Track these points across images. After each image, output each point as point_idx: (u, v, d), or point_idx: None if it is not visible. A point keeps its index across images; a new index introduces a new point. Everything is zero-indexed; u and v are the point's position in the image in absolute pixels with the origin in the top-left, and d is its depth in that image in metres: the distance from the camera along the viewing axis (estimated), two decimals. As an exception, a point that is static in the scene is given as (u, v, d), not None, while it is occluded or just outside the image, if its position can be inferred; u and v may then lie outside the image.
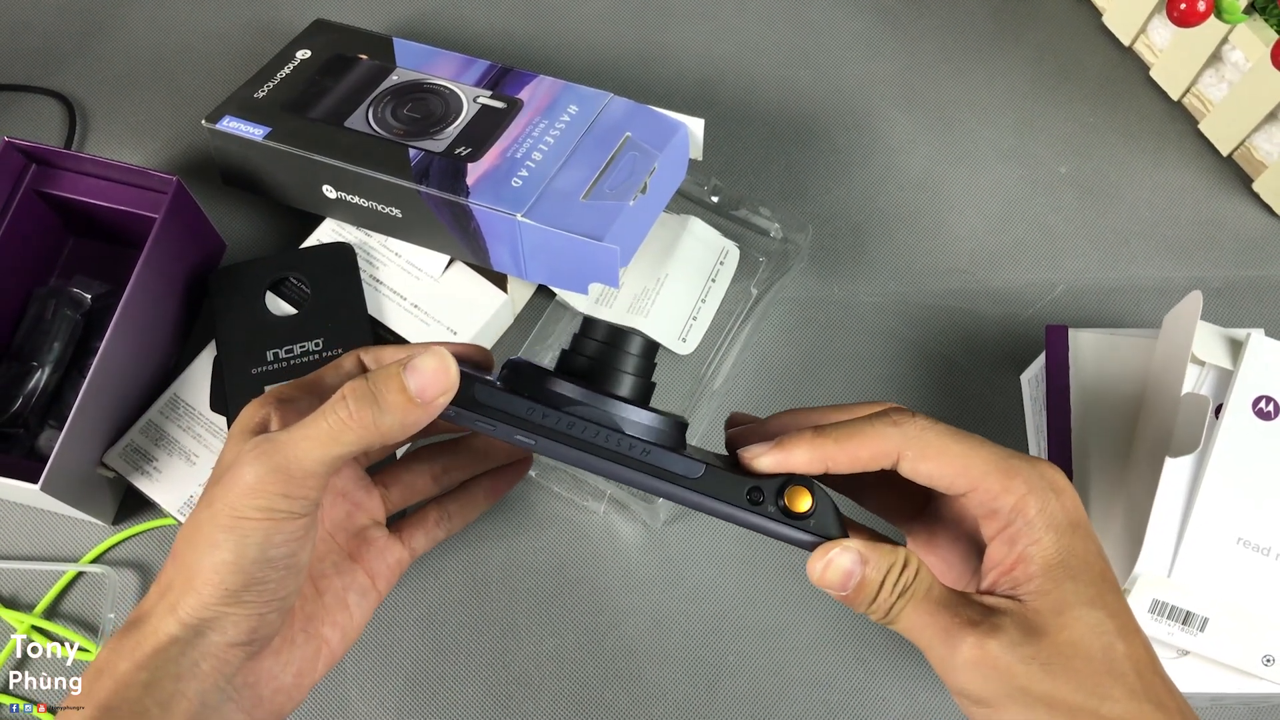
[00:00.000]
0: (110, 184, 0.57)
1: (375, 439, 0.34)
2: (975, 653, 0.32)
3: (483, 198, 0.53)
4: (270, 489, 0.33)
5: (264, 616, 0.34)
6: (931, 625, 0.33)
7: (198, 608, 0.33)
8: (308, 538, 0.35)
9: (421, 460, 0.43)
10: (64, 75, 0.68)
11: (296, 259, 0.57)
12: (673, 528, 0.55)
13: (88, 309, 0.57)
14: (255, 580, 0.34)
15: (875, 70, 0.70)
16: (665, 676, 0.52)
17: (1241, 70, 0.62)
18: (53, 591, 0.53)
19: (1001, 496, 0.33)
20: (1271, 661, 0.46)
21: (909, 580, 0.33)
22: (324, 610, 0.39)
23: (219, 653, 0.34)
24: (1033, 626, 0.32)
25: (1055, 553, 0.33)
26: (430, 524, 0.43)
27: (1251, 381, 0.48)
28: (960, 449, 0.34)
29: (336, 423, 0.34)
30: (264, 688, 0.36)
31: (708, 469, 0.35)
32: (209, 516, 0.34)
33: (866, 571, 0.33)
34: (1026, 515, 0.33)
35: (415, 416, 0.34)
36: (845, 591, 0.33)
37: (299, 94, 0.59)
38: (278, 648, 0.36)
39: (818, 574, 0.34)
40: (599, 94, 0.59)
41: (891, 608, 0.33)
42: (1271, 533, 0.46)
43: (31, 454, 0.54)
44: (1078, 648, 0.32)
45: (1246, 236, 0.64)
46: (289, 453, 0.34)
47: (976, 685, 0.32)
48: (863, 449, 0.34)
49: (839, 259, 0.63)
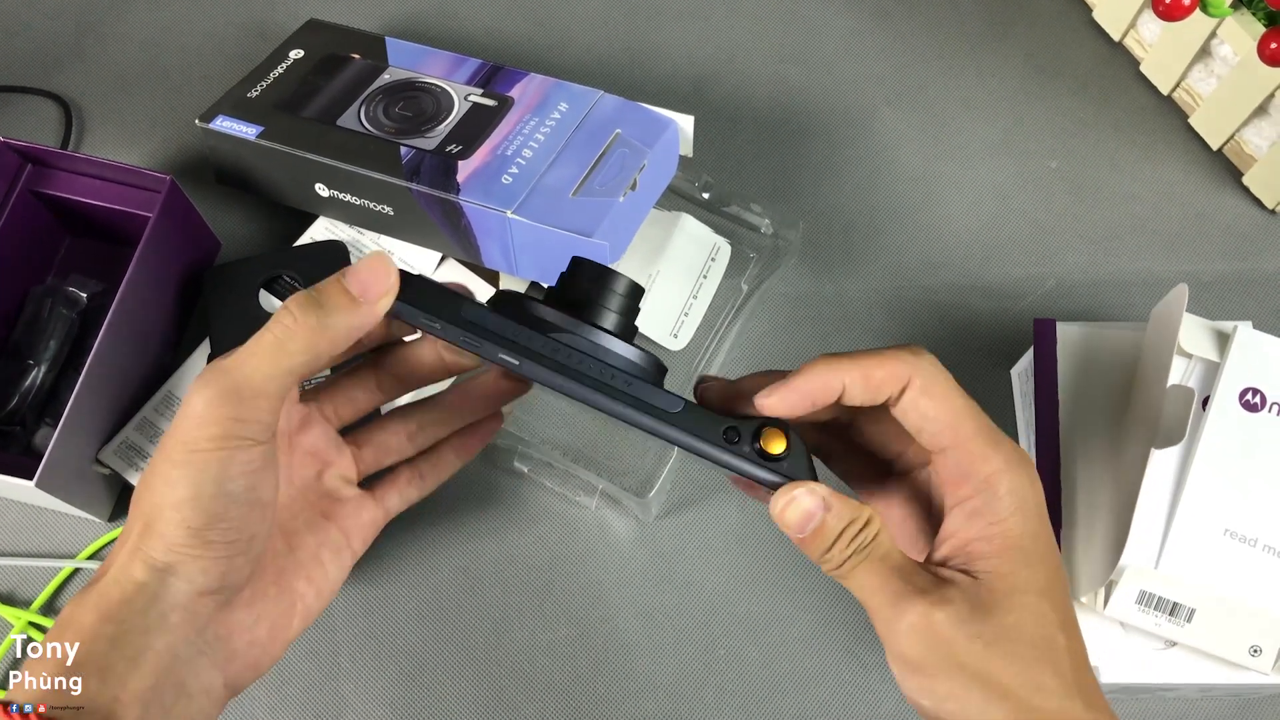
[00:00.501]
0: (105, 183, 0.57)
1: (323, 344, 0.34)
2: (921, 621, 0.32)
3: (473, 195, 0.53)
4: (221, 414, 0.32)
5: (231, 560, 0.33)
6: (882, 588, 0.33)
7: (163, 550, 0.33)
8: (267, 470, 0.34)
9: (395, 420, 0.42)
10: (60, 76, 0.68)
11: (290, 257, 0.58)
12: (664, 522, 0.56)
13: (84, 307, 0.57)
14: (216, 516, 0.33)
15: (866, 67, 0.70)
16: (657, 670, 0.53)
17: (1230, 64, 0.62)
18: (49, 588, 0.54)
19: (979, 463, 0.33)
20: (1259, 652, 0.46)
21: (867, 539, 0.33)
22: (296, 565, 0.37)
23: (188, 603, 0.33)
24: (981, 604, 0.32)
25: (1017, 536, 0.33)
26: (402, 483, 0.42)
27: (1238, 373, 0.48)
28: (961, 403, 0.34)
29: (282, 331, 0.33)
30: (237, 641, 0.35)
31: (687, 405, 0.35)
32: (163, 457, 0.33)
33: (827, 519, 0.33)
34: (996, 490, 0.33)
35: (360, 317, 0.34)
36: (802, 534, 0.33)
37: (292, 93, 0.60)
38: (249, 599, 0.35)
39: (778, 510, 0.34)
40: (589, 91, 0.59)
41: (845, 562, 0.33)
42: (1258, 524, 0.46)
43: (28, 451, 0.55)
44: (1022, 632, 0.32)
45: (1236, 230, 0.64)
46: (236, 374, 0.33)
47: (916, 652, 0.32)
48: (879, 368, 0.34)
49: (830, 255, 0.63)
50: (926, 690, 0.33)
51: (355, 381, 0.41)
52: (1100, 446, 0.51)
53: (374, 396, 0.41)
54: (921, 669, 0.32)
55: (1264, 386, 0.48)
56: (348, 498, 0.40)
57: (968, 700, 0.32)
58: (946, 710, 0.32)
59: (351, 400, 0.41)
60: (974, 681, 0.32)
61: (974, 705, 0.32)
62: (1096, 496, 0.50)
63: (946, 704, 0.32)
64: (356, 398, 0.41)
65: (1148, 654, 0.48)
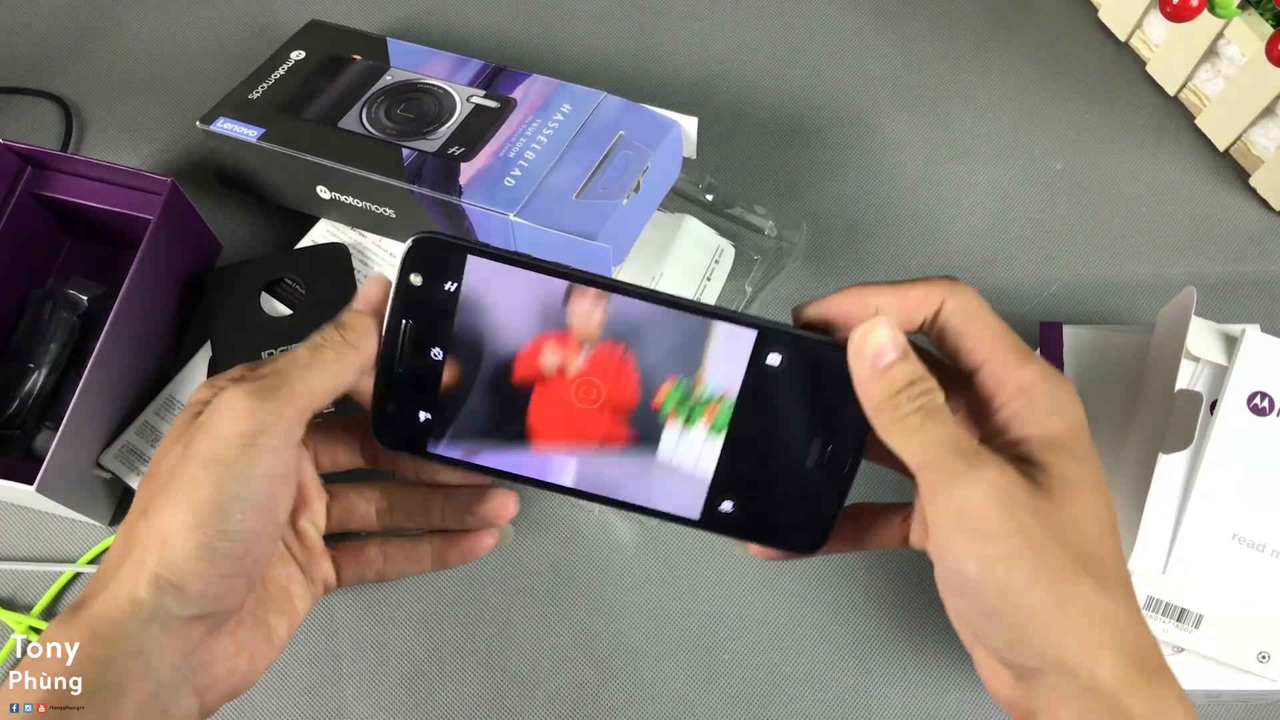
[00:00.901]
0: (106, 186, 0.57)
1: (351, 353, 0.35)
2: (997, 477, 0.30)
3: (476, 197, 0.53)
4: (255, 410, 0.33)
5: (230, 580, 0.33)
6: (953, 443, 0.31)
7: (171, 563, 0.32)
8: (286, 481, 0.34)
9: (367, 488, 0.41)
10: (60, 78, 0.68)
11: (291, 260, 0.57)
12: (668, 527, 0.55)
13: (84, 310, 0.57)
14: (232, 526, 0.32)
15: (870, 68, 0.69)
16: (661, 675, 0.53)
17: (1237, 65, 0.62)
18: (50, 592, 0.53)
19: (1015, 372, 0.33)
20: (1267, 658, 0.46)
21: (936, 401, 0.32)
22: (270, 598, 0.37)
23: (180, 628, 0.33)
24: (1043, 488, 0.31)
25: (1060, 434, 0.32)
26: (365, 559, 0.40)
27: (1246, 377, 0.48)
28: (994, 320, 0.34)
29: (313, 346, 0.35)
30: (218, 669, 0.35)
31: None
32: (189, 455, 0.33)
33: (899, 364, 0.32)
34: (1033, 395, 0.32)
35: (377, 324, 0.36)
36: (875, 368, 0.33)
37: (293, 95, 0.59)
38: (234, 628, 0.35)
39: (858, 335, 0.33)
40: (592, 93, 0.59)
41: (913, 413, 0.32)
42: (1266, 529, 0.46)
43: (28, 455, 0.55)
44: (1078, 526, 0.31)
45: (1243, 232, 0.64)
46: (270, 376, 0.34)
47: (982, 507, 0.30)
48: (913, 291, 0.34)
49: (834, 257, 0.63)
50: (978, 550, 0.30)
51: (343, 434, 0.40)
52: (1107, 451, 0.51)
53: (355, 459, 0.40)
54: (981, 526, 0.30)
55: (1272, 390, 0.48)
56: (312, 545, 0.39)
57: (1018, 566, 0.30)
58: (995, 574, 0.30)
59: (332, 452, 0.40)
60: (1029, 549, 0.30)
61: (1023, 572, 0.30)
62: (1103, 501, 0.50)
63: (997, 567, 0.30)
64: (337, 451, 0.40)
65: (1155, 660, 0.47)
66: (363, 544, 0.41)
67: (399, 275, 0.35)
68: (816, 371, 0.35)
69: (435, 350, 0.36)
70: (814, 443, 0.36)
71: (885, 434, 0.33)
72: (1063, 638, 0.30)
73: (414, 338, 0.36)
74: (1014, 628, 0.30)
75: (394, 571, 0.41)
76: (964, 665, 0.52)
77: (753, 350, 0.35)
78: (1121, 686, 0.30)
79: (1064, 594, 0.30)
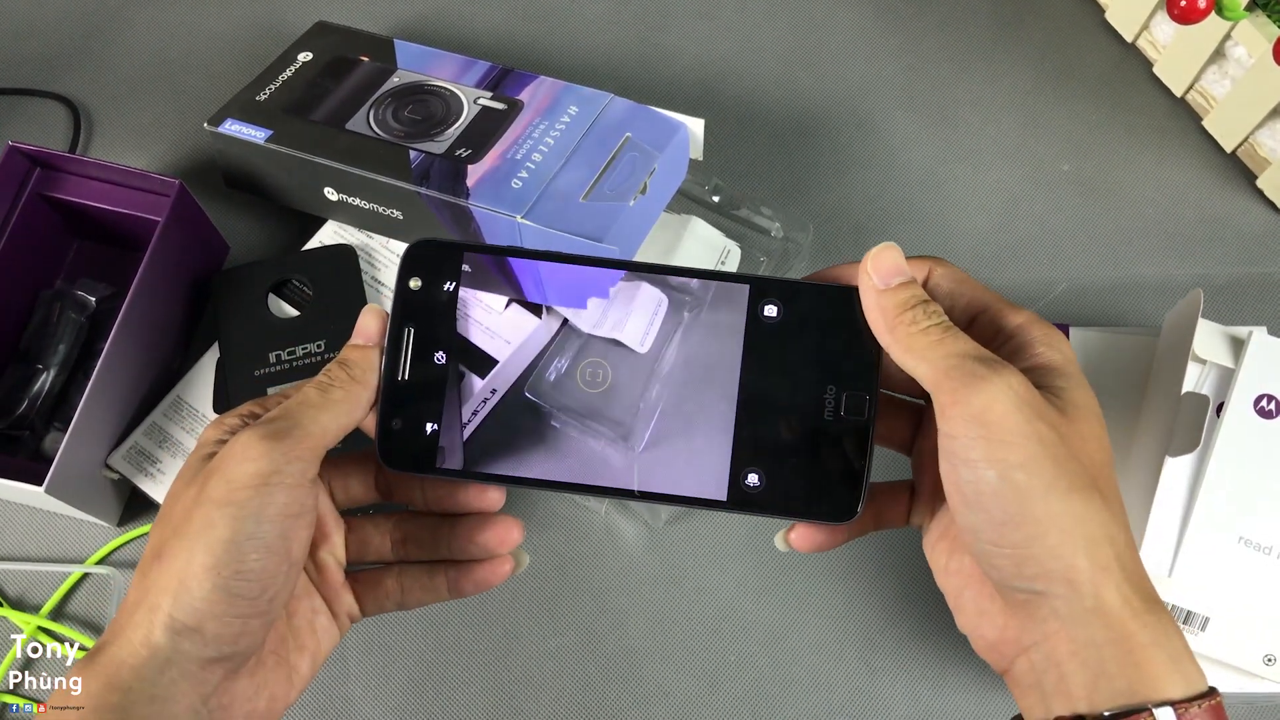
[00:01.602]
0: (114, 187, 0.57)
1: (359, 389, 0.36)
2: (1019, 384, 0.31)
3: (483, 199, 0.53)
4: (269, 450, 0.33)
5: (248, 622, 0.33)
6: (974, 354, 0.32)
7: (188, 607, 0.32)
8: (301, 519, 0.34)
9: (382, 520, 0.41)
10: (68, 79, 0.68)
11: (299, 261, 0.57)
12: (674, 527, 0.56)
13: (93, 311, 0.57)
14: (247, 565, 0.32)
15: (876, 69, 0.69)
16: (667, 676, 0.53)
17: (1244, 66, 0.61)
18: (59, 592, 0.54)
19: (1008, 316, 0.34)
20: (1273, 661, 0.46)
21: (947, 322, 0.33)
22: (293, 634, 0.37)
23: (198, 671, 0.32)
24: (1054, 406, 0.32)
25: (1061, 363, 0.33)
26: (383, 592, 0.40)
27: (1253, 380, 0.48)
28: (979, 284, 0.35)
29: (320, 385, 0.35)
30: (237, 711, 0.34)
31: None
32: (203, 498, 0.33)
33: (910, 286, 0.34)
34: (1030, 334, 0.34)
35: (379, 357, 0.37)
36: (890, 282, 0.34)
37: (300, 96, 0.60)
38: (253, 669, 0.35)
39: (872, 254, 0.34)
40: (599, 94, 0.59)
41: (930, 328, 0.33)
42: (1273, 532, 0.46)
43: (37, 456, 0.55)
44: (1087, 445, 0.32)
45: (1250, 234, 0.63)
46: (281, 418, 0.34)
47: (1003, 413, 0.30)
48: (901, 257, 0.34)
49: (840, 258, 0.62)
50: (996, 457, 0.30)
51: (357, 468, 0.40)
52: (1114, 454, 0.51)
53: (369, 493, 0.40)
54: (1001, 432, 0.30)
55: (1279, 393, 0.48)
56: (333, 579, 0.39)
57: (1037, 474, 0.30)
58: (1013, 480, 0.30)
59: (346, 486, 0.40)
60: (1049, 458, 0.30)
61: (1042, 480, 0.30)
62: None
63: (1016, 474, 0.30)
64: (351, 485, 0.40)
65: (1162, 662, 0.47)
66: (380, 574, 0.40)
67: (398, 282, 0.36)
68: (816, 317, 0.35)
69: (439, 354, 0.36)
70: (828, 391, 0.35)
71: (902, 348, 0.33)
72: (1075, 552, 0.30)
73: (417, 344, 0.36)
74: (1028, 540, 0.30)
75: (412, 601, 0.40)
76: (971, 668, 0.52)
77: (749, 304, 0.35)
78: (1126, 611, 0.30)
79: (1079, 507, 0.30)
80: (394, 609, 0.41)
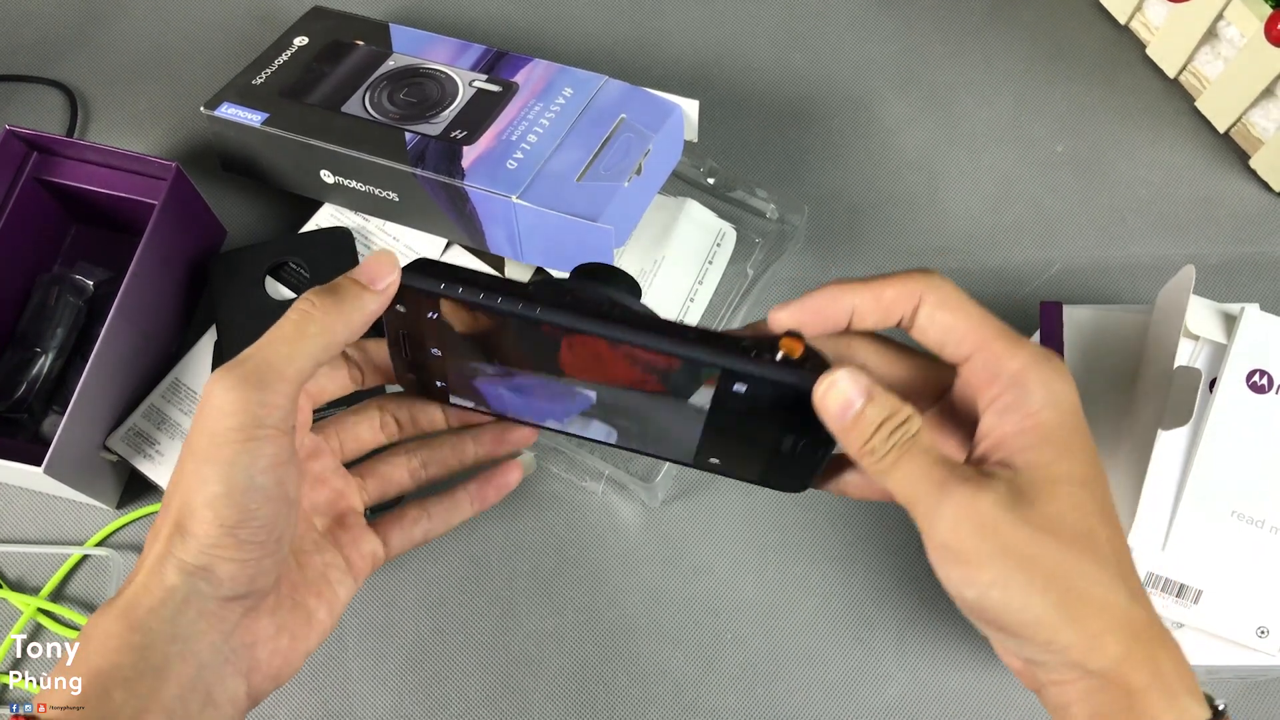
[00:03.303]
0: (111, 171, 0.57)
1: (339, 326, 0.34)
2: (966, 505, 0.31)
3: (478, 180, 0.53)
4: (245, 400, 0.33)
5: (260, 562, 0.33)
6: (926, 477, 0.32)
7: (195, 551, 0.33)
8: (291, 464, 0.34)
9: (399, 453, 0.42)
10: (65, 65, 0.68)
11: (296, 244, 0.58)
12: (671, 507, 0.56)
13: (90, 295, 0.57)
14: (249, 512, 0.33)
15: (871, 51, 0.70)
16: (664, 654, 0.53)
17: (1237, 46, 0.62)
18: (59, 574, 0.54)
19: (1005, 360, 0.33)
20: (1266, 633, 0.46)
21: (909, 432, 0.33)
22: (307, 583, 0.38)
23: (216, 609, 0.33)
24: (1023, 493, 0.32)
25: (1053, 427, 0.33)
26: (408, 522, 0.41)
27: (1245, 355, 0.48)
28: (977, 311, 0.34)
29: (300, 315, 0.34)
30: (261, 649, 0.35)
31: (703, 330, 0.35)
32: (190, 453, 0.33)
33: (868, 409, 0.32)
34: (1026, 385, 0.33)
35: (370, 300, 0.35)
36: (843, 421, 0.33)
37: (297, 80, 0.60)
38: (273, 607, 0.36)
39: (819, 393, 0.33)
40: (594, 76, 0.59)
41: (888, 453, 0.33)
42: (1265, 505, 0.46)
43: (36, 438, 0.55)
44: (1063, 521, 0.32)
45: (1243, 213, 0.64)
46: (256, 360, 0.33)
47: (960, 539, 0.32)
48: (889, 288, 0.34)
49: (835, 240, 0.63)
50: (970, 580, 0.32)
51: (361, 418, 0.41)
52: (1107, 429, 0.51)
53: (377, 435, 0.41)
54: (966, 557, 0.32)
55: (1271, 368, 0.48)
56: (352, 526, 0.40)
57: (1011, 587, 0.31)
58: (991, 599, 0.31)
59: (356, 436, 0.41)
60: (1018, 568, 0.31)
61: (1017, 591, 0.31)
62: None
63: (991, 592, 0.31)
64: (361, 434, 0.41)
65: (1155, 636, 0.48)
66: (402, 510, 0.42)
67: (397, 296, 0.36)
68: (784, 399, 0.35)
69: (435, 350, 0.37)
70: (787, 438, 0.36)
71: (869, 473, 0.33)
72: (1066, 638, 0.31)
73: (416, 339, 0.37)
74: (1020, 638, 0.32)
75: (440, 526, 0.42)
76: (965, 644, 0.52)
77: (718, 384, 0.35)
78: (1124, 664, 0.31)
79: (1061, 598, 0.31)
80: (422, 540, 0.42)
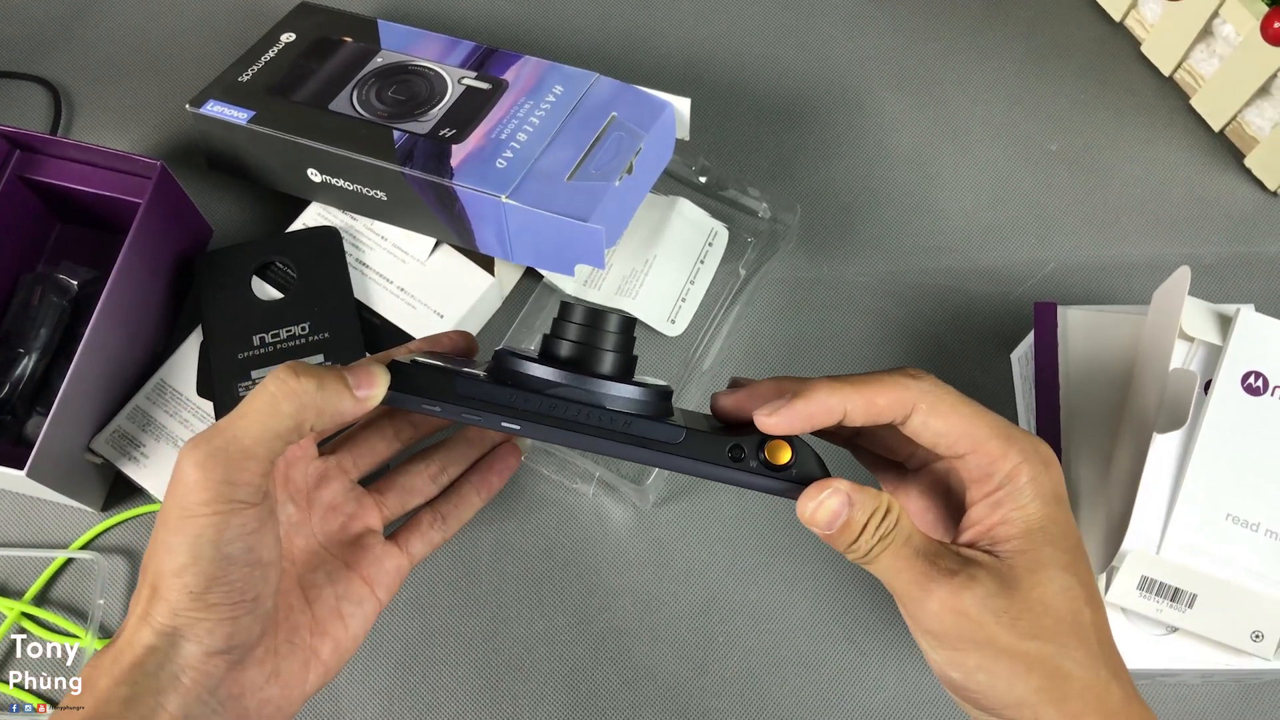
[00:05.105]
0: (95, 169, 0.57)
1: (311, 414, 0.34)
2: (949, 600, 0.33)
3: (467, 179, 0.53)
4: (211, 478, 0.33)
5: (237, 620, 0.34)
6: (908, 570, 0.34)
7: (168, 615, 0.33)
8: (264, 530, 0.34)
9: (417, 462, 0.43)
10: (49, 61, 0.67)
11: (282, 243, 0.57)
12: (662, 510, 0.55)
13: (74, 295, 0.57)
14: (216, 580, 0.33)
15: (864, 49, 0.69)
16: (655, 657, 0.53)
17: (1232, 44, 0.61)
18: (43, 578, 0.53)
19: (999, 462, 0.35)
20: (1260, 637, 0.46)
21: (890, 526, 0.34)
22: (313, 621, 0.38)
23: (199, 664, 0.33)
24: (1006, 581, 0.34)
25: (1039, 519, 0.35)
26: (424, 527, 0.42)
27: (1240, 357, 0.48)
28: (969, 411, 0.35)
29: (277, 391, 0.34)
30: (249, 700, 0.35)
31: (688, 434, 0.36)
32: (161, 524, 0.34)
33: (852, 513, 0.34)
34: (1018, 482, 0.35)
35: (349, 404, 0.35)
36: (830, 531, 0.35)
37: (283, 77, 0.59)
38: (261, 658, 0.35)
39: (808, 513, 0.35)
40: (585, 74, 0.58)
41: (871, 550, 0.34)
42: (1260, 508, 0.46)
43: (19, 441, 0.54)
44: (1048, 606, 0.34)
45: (1238, 212, 0.63)
46: (226, 435, 0.33)
47: (945, 629, 0.34)
48: (881, 395, 0.35)
49: (828, 239, 0.63)
50: (956, 663, 0.34)
51: (373, 431, 0.42)
52: (1101, 431, 0.51)
53: (391, 445, 0.42)
54: (950, 644, 0.34)
55: (1266, 370, 0.48)
56: (372, 546, 0.41)
57: (996, 672, 0.33)
58: (976, 682, 0.34)
59: (371, 450, 0.42)
60: (1002, 654, 0.33)
61: (1002, 677, 0.33)
62: (1098, 482, 0.50)
63: (976, 676, 0.33)
64: (376, 447, 0.42)
65: (1149, 640, 0.47)
66: (416, 518, 0.43)
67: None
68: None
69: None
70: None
71: (858, 564, 0.35)
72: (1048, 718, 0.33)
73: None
74: (1002, 718, 0.34)
75: (455, 524, 0.43)
76: (958, 646, 0.52)
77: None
78: None
79: (1044, 682, 0.33)
80: (441, 539, 0.43)
